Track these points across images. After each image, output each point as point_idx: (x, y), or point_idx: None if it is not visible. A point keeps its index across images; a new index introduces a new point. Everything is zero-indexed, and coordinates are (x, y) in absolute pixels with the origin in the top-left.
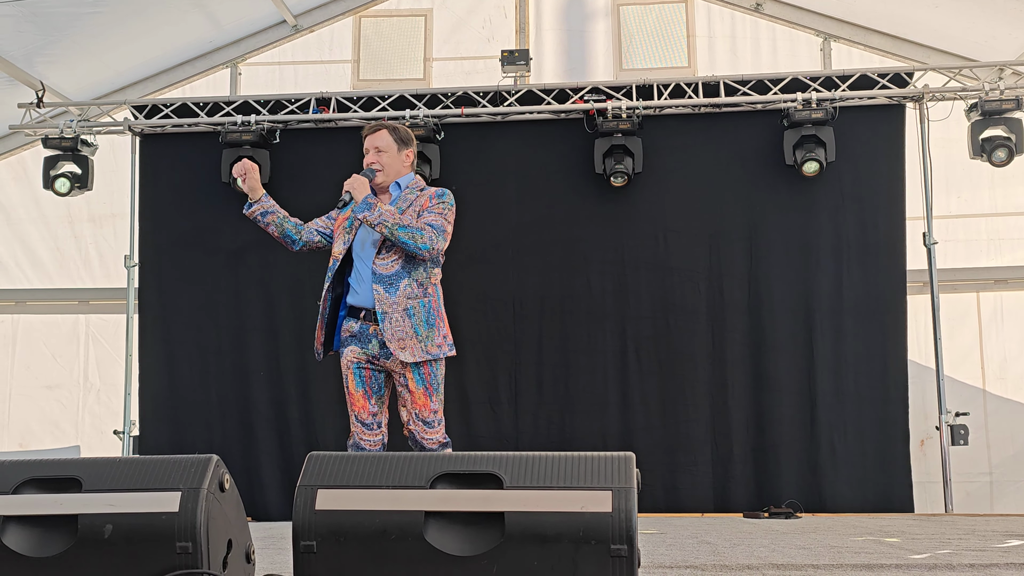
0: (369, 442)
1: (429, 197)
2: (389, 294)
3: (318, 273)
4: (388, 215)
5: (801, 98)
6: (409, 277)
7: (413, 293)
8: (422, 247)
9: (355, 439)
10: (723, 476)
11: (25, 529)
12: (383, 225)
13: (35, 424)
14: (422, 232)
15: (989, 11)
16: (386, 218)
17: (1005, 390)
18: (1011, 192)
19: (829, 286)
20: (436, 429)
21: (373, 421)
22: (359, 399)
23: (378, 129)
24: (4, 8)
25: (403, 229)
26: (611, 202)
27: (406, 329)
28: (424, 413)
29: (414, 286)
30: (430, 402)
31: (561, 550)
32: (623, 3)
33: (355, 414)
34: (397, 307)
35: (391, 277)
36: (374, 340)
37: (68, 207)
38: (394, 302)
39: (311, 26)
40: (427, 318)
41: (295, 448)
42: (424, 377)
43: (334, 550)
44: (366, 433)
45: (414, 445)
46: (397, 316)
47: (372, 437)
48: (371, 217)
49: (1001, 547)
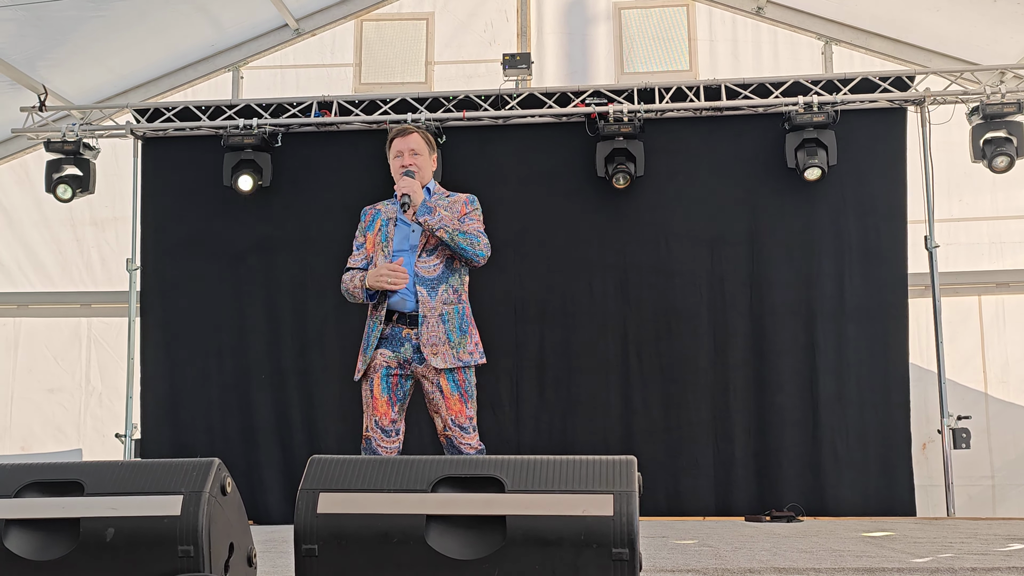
0: (386, 448)
1: (464, 203)
2: (430, 298)
3: (319, 276)
4: (447, 220)
5: (802, 101)
6: (447, 283)
7: (449, 299)
8: (479, 254)
9: (371, 444)
10: (725, 479)
11: (27, 533)
12: (444, 230)
13: (37, 427)
14: (478, 239)
15: (990, 15)
16: (446, 223)
17: (1007, 393)
18: (1013, 195)
19: (831, 289)
20: (472, 435)
21: (392, 428)
22: (382, 404)
23: (410, 132)
24: (7, 12)
25: (463, 235)
26: (612, 205)
27: (439, 335)
28: (460, 419)
29: (450, 292)
30: (465, 408)
31: (563, 554)
32: (624, 6)
33: (375, 419)
34: (434, 311)
35: (433, 281)
36: (407, 344)
37: (70, 210)
38: (432, 306)
39: (313, 30)
40: (460, 324)
41: (296, 451)
42: (459, 383)
43: (336, 553)
44: (384, 439)
45: (450, 452)
46: (433, 320)
47: (390, 444)
48: (432, 221)
49: (1003, 551)
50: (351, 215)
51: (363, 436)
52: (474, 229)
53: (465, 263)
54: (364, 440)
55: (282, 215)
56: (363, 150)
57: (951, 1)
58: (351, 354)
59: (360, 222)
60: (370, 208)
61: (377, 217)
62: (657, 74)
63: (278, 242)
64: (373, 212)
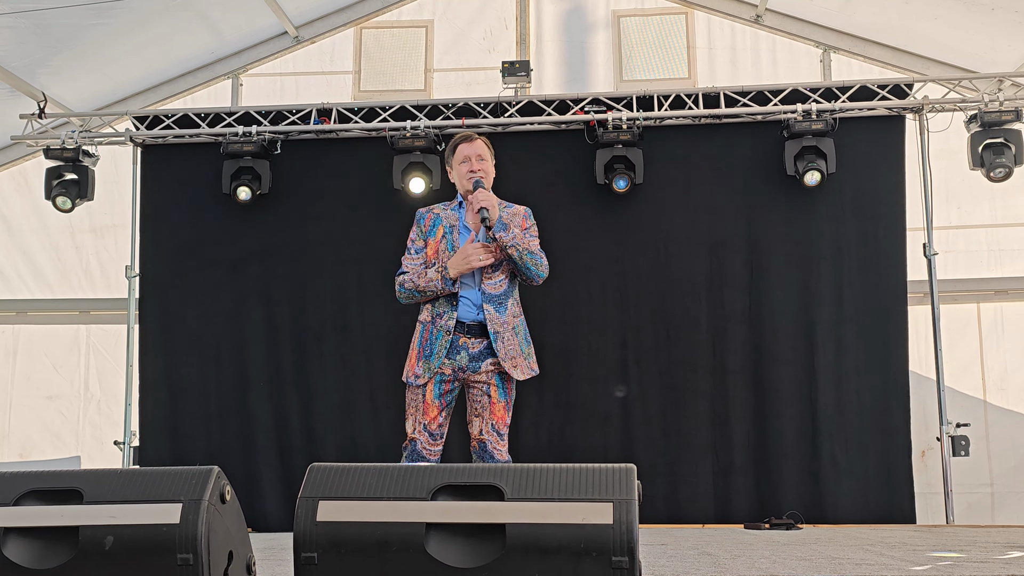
0: (431, 451)
1: (523, 217)
2: (499, 313)
3: (318, 284)
4: (519, 238)
5: (801, 109)
6: (512, 297)
7: (516, 312)
8: (542, 274)
9: (416, 447)
10: (724, 487)
11: (26, 541)
12: (515, 248)
13: (36, 434)
14: (542, 259)
15: (988, 23)
16: (518, 240)
17: (1006, 401)
18: (1011, 203)
19: (830, 297)
20: (505, 442)
21: (439, 432)
22: (432, 409)
23: (475, 138)
24: (7, 20)
25: (531, 255)
26: (612, 213)
27: (516, 347)
28: (499, 425)
29: (516, 305)
30: (507, 415)
31: (562, 562)
32: (623, 14)
33: (424, 423)
34: (507, 326)
35: (500, 296)
36: (464, 352)
37: (69, 218)
38: (504, 321)
39: (312, 37)
40: (526, 336)
41: (295, 459)
42: (507, 392)
43: (335, 561)
44: (430, 443)
45: (483, 456)
46: (508, 335)
47: (435, 447)
48: (507, 238)
49: (1003, 558)
50: (350, 222)
51: (408, 438)
52: (537, 248)
53: (526, 281)
54: (409, 442)
55: (281, 222)
56: (362, 157)
57: (949, 9)
58: (350, 362)
59: (418, 225)
60: (427, 211)
61: (439, 223)
62: (656, 82)
63: (277, 249)
64: (432, 217)
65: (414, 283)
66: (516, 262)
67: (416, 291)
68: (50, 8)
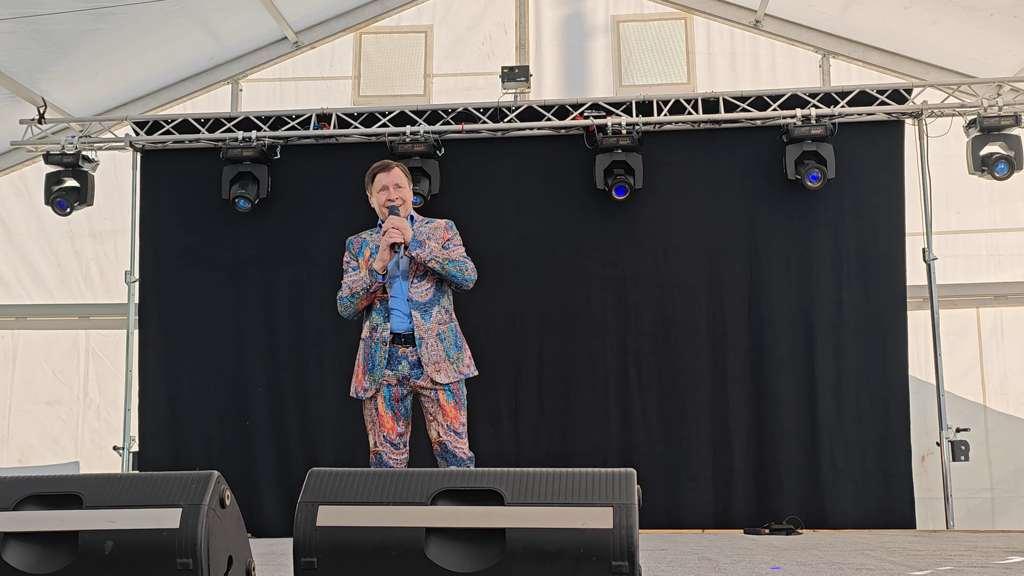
0: (396, 460)
1: (444, 229)
2: (424, 320)
3: (317, 289)
4: (437, 251)
5: (800, 114)
6: (439, 304)
7: (443, 319)
8: (468, 279)
9: (381, 458)
10: (724, 492)
11: (26, 545)
12: (435, 260)
13: (35, 440)
14: (466, 265)
15: (987, 28)
16: (436, 254)
17: (1006, 406)
18: (1010, 208)
19: (829, 302)
20: (464, 440)
21: (400, 441)
22: (388, 420)
23: (392, 167)
24: (7, 25)
25: (452, 263)
26: (611, 218)
27: (440, 352)
28: (455, 425)
29: (443, 312)
30: (460, 415)
31: (562, 567)
32: (623, 20)
33: (383, 435)
34: (431, 332)
35: (426, 304)
36: (404, 361)
37: (69, 223)
38: (428, 328)
39: (312, 43)
40: (455, 341)
41: (294, 464)
42: (454, 393)
43: (335, 566)
44: (394, 452)
45: (445, 457)
46: (431, 341)
47: (399, 455)
48: (423, 254)
49: (1003, 563)
50: (349, 227)
51: (372, 452)
52: (459, 255)
53: (454, 288)
54: (373, 456)
55: (281, 228)
56: (362, 162)
57: (948, 14)
58: (349, 366)
59: (348, 250)
60: (355, 238)
61: (365, 246)
62: (655, 87)
63: (276, 254)
64: (359, 241)
65: (349, 288)
66: (440, 273)
67: (352, 296)
68: (50, 13)
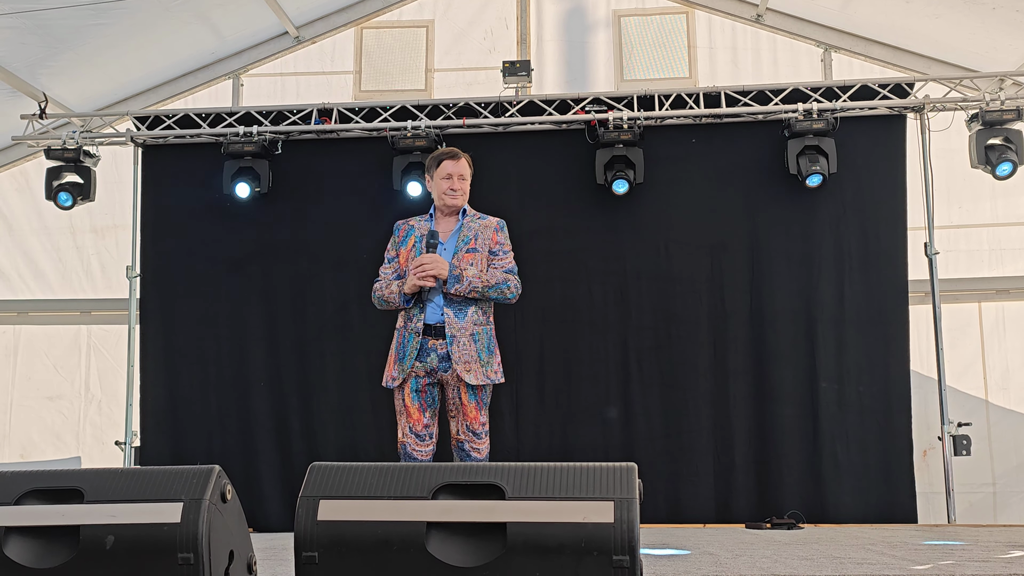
0: (420, 452)
1: (495, 230)
2: (458, 318)
3: (319, 284)
4: (476, 280)
5: (802, 109)
6: (476, 304)
7: (479, 320)
8: (511, 297)
9: (407, 448)
10: (725, 486)
11: (27, 540)
12: (475, 291)
13: (36, 435)
14: (507, 284)
15: (989, 22)
16: (475, 284)
17: (1008, 401)
18: (1012, 202)
19: (831, 296)
20: (483, 440)
21: (426, 432)
22: (414, 411)
23: (460, 156)
24: (7, 20)
25: (491, 289)
26: (612, 212)
27: (472, 353)
28: (475, 425)
29: (479, 313)
30: (480, 415)
31: (563, 561)
32: (624, 14)
33: (409, 426)
34: (465, 331)
35: (461, 303)
36: (433, 354)
37: (70, 218)
38: (462, 326)
39: (313, 37)
40: (488, 344)
41: (296, 458)
42: (478, 395)
43: (336, 561)
44: (419, 444)
45: (460, 455)
46: (464, 340)
47: (424, 448)
48: (461, 288)
49: (1004, 558)
50: (351, 222)
51: (399, 442)
52: (502, 273)
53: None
54: (400, 446)
55: (282, 222)
56: (363, 157)
57: (950, 8)
58: (350, 361)
59: (394, 236)
60: (403, 223)
61: (411, 234)
62: (657, 81)
63: (278, 249)
64: (407, 228)
65: (381, 292)
66: (481, 299)
67: (383, 300)
68: (51, 8)
